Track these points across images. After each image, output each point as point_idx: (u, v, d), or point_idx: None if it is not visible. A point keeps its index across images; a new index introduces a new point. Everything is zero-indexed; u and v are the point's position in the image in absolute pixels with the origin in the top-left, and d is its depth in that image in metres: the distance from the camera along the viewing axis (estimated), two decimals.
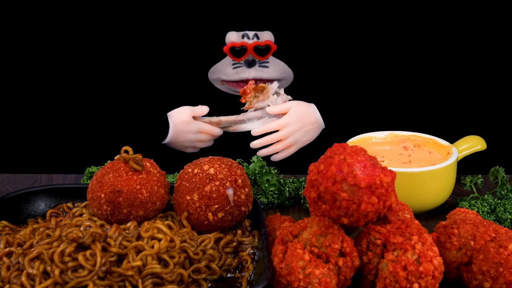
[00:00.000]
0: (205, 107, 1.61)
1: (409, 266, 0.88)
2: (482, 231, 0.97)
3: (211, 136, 1.63)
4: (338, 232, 0.94)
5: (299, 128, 1.60)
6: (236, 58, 1.62)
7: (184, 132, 1.59)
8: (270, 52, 1.64)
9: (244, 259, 1.03)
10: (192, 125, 1.59)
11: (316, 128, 1.63)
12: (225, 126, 1.62)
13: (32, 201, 1.18)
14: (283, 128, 1.59)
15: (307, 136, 1.62)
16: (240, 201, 1.07)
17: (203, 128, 1.60)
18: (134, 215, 1.05)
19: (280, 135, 1.59)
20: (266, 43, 1.62)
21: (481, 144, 1.39)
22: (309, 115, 1.62)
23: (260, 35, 1.64)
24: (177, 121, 1.59)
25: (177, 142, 1.61)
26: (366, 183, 0.88)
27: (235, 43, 1.61)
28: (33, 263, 0.93)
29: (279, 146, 1.60)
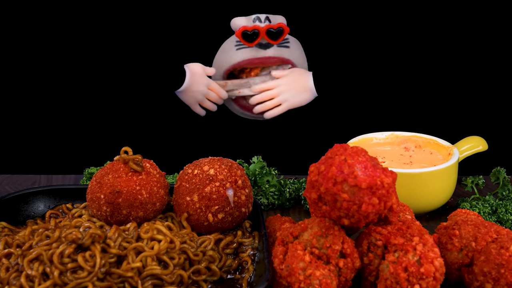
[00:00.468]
0: (213, 69, 1.67)
1: (410, 268, 0.88)
2: (484, 232, 0.97)
3: (218, 96, 1.67)
4: (339, 233, 0.94)
5: (289, 89, 1.67)
6: (248, 43, 1.62)
7: (197, 82, 1.64)
8: (283, 35, 1.64)
9: (244, 260, 1.03)
10: (204, 78, 1.65)
11: (307, 92, 1.68)
12: (231, 89, 1.69)
13: (31, 202, 1.18)
14: (277, 87, 1.66)
15: (297, 98, 1.67)
16: (240, 202, 1.07)
17: (212, 85, 1.66)
18: (133, 216, 1.05)
19: (271, 93, 1.67)
20: (279, 26, 1.62)
21: (482, 145, 1.39)
22: (302, 79, 1.67)
23: (272, 18, 1.63)
24: (193, 70, 1.64)
25: (191, 92, 1.66)
26: (367, 184, 0.88)
27: (247, 27, 1.61)
28: (32, 264, 0.93)
29: (269, 103, 1.67)
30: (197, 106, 1.70)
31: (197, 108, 1.70)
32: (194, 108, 1.70)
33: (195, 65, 1.66)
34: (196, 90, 1.65)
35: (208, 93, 1.67)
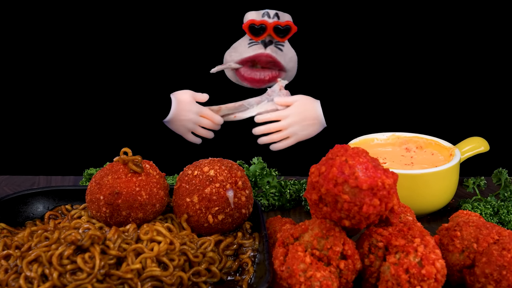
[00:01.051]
0: (206, 95, 1.64)
1: (411, 269, 0.88)
2: (485, 234, 0.97)
3: (212, 122, 1.64)
4: (340, 234, 0.94)
5: (298, 121, 1.62)
6: (254, 37, 1.61)
7: (185, 111, 1.61)
8: (290, 34, 1.63)
9: (245, 261, 1.03)
10: (193, 105, 1.62)
11: (316, 124, 1.64)
12: (226, 113, 1.65)
13: (30, 203, 1.18)
14: (284, 119, 1.61)
15: (306, 131, 1.63)
16: (240, 203, 1.07)
17: (204, 112, 1.63)
18: (133, 217, 1.05)
19: (279, 125, 1.63)
20: (287, 24, 1.61)
21: (484, 146, 1.39)
22: (310, 110, 1.64)
23: (281, 15, 1.63)
24: (180, 98, 1.61)
25: (179, 121, 1.62)
26: (368, 185, 0.88)
27: (255, 20, 1.60)
28: (31, 266, 0.93)
29: (276, 136, 1.64)
30: (189, 135, 1.66)
31: (189, 137, 1.67)
32: (187, 137, 1.67)
33: (183, 93, 1.63)
34: (185, 118, 1.62)
35: (199, 120, 1.63)
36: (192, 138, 1.67)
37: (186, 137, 1.66)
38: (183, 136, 1.67)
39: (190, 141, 1.67)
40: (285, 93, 1.64)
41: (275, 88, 1.65)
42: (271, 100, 1.65)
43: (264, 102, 1.65)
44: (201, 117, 1.63)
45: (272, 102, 1.65)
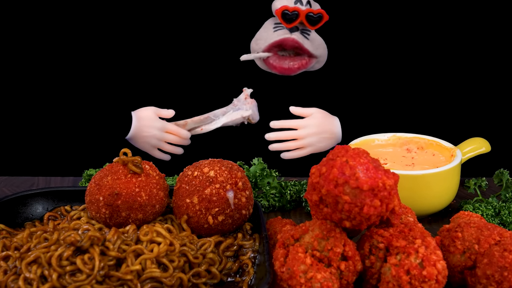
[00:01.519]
0: (171, 111, 1.61)
1: (412, 270, 0.88)
2: (487, 235, 0.97)
3: (179, 137, 1.61)
4: (340, 235, 0.94)
5: (317, 133, 1.59)
6: (286, 24, 1.59)
7: (147, 127, 1.58)
8: (322, 22, 1.61)
9: (245, 263, 1.03)
10: (156, 121, 1.59)
11: (332, 138, 1.61)
12: (193, 127, 1.62)
13: (29, 204, 1.18)
14: (302, 128, 1.59)
15: (322, 143, 1.60)
16: (240, 204, 1.07)
17: (169, 127, 1.60)
18: (133, 218, 1.05)
19: (296, 134, 1.59)
20: (319, 12, 1.59)
21: (485, 146, 1.39)
22: (330, 124, 1.61)
23: (313, 3, 1.61)
24: (141, 115, 1.59)
25: (141, 138, 1.59)
26: (368, 186, 0.88)
27: (288, 7, 1.58)
28: (30, 267, 0.93)
29: (293, 144, 1.60)
30: (155, 151, 1.63)
31: (156, 153, 1.63)
32: (153, 154, 1.63)
33: (145, 110, 1.61)
34: (147, 135, 1.59)
35: (164, 136, 1.60)
36: (158, 155, 1.64)
37: (152, 153, 1.63)
38: (149, 153, 1.64)
39: (157, 157, 1.64)
40: (250, 101, 1.63)
41: (241, 97, 1.63)
42: (237, 110, 1.62)
43: (229, 112, 1.62)
44: (167, 133, 1.60)
45: (238, 112, 1.62)
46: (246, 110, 1.61)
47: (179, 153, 1.64)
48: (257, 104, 1.65)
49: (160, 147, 1.62)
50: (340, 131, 1.62)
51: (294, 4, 1.59)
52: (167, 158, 1.65)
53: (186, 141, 1.63)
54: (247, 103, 1.61)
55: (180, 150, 1.64)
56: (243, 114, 1.60)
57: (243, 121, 1.62)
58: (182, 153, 1.64)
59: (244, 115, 1.61)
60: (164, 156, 1.64)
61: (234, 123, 1.62)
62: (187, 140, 1.63)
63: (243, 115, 1.60)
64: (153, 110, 1.60)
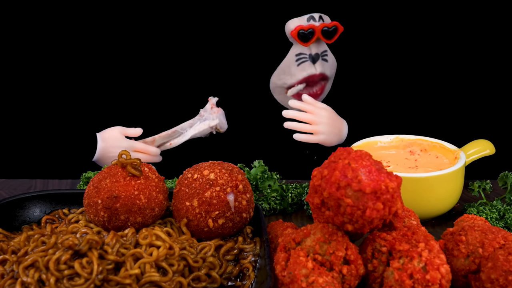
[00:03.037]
0: (139, 129, 1.60)
1: (416, 274, 0.88)
2: (491, 238, 0.97)
3: (148, 155, 1.61)
4: (342, 239, 0.94)
5: (329, 124, 1.60)
6: (303, 43, 1.60)
7: (113, 147, 1.58)
8: (338, 34, 1.62)
9: (246, 267, 1.03)
10: (123, 141, 1.58)
11: (339, 137, 1.62)
12: (161, 142, 1.62)
13: (26, 207, 1.18)
14: (317, 115, 1.59)
15: (331, 137, 1.60)
16: (241, 207, 1.07)
17: (137, 146, 1.59)
18: (132, 222, 1.05)
19: (312, 118, 1.59)
20: (334, 24, 1.60)
21: (489, 149, 1.39)
22: (340, 123, 1.62)
23: (324, 17, 1.62)
24: (106, 136, 1.59)
25: (108, 158, 1.59)
26: (371, 189, 0.88)
27: (303, 26, 1.59)
28: (27, 271, 0.93)
29: (307, 127, 1.59)
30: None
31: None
32: None
33: (110, 130, 1.61)
34: (114, 155, 1.59)
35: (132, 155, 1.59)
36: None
37: None
38: None
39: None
40: (217, 110, 1.63)
41: (207, 107, 1.63)
42: (204, 120, 1.62)
43: (197, 124, 1.62)
44: (135, 151, 1.60)
45: (205, 122, 1.62)
46: (213, 120, 1.61)
47: None
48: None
49: None
50: (346, 134, 1.63)
51: (308, 22, 1.60)
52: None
53: (157, 158, 1.63)
54: (214, 112, 1.62)
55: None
56: (210, 124, 1.61)
57: (211, 131, 1.62)
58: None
59: (211, 125, 1.61)
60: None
61: (202, 134, 1.63)
62: (157, 157, 1.63)
63: (210, 125, 1.61)
64: (119, 130, 1.59)
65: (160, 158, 1.63)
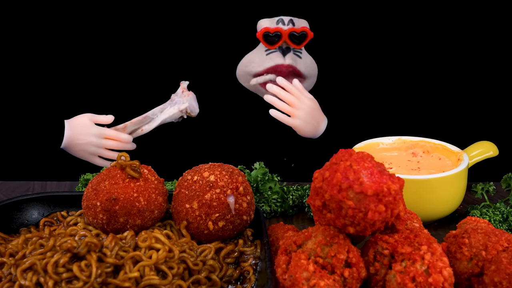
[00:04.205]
0: (110, 116, 1.59)
1: (418, 277, 0.88)
2: (494, 241, 0.97)
3: (119, 142, 1.59)
4: (344, 241, 0.94)
5: (309, 113, 1.59)
6: (269, 46, 1.60)
7: (82, 134, 1.56)
8: (306, 40, 1.62)
9: (246, 270, 1.03)
10: (92, 128, 1.57)
11: (315, 130, 1.61)
12: (133, 129, 1.61)
13: (24, 210, 1.18)
14: (299, 99, 1.59)
15: (307, 127, 1.59)
16: (241, 210, 1.07)
17: (107, 133, 1.58)
18: (131, 224, 1.05)
19: (294, 102, 1.58)
20: (303, 30, 1.60)
21: (493, 150, 1.39)
22: (321, 117, 1.62)
23: (296, 21, 1.62)
24: (74, 123, 1.57)
25: (77, 146, 1.58)
26: (373, 191, 0.88)
27: (269, 28, 1.59)
28: (25, 274, 0.93)
29: (286, 106, 1.59)
30: (95, 159, 1.61)
31: (97, 161, 1.61)
32: (94, 162, 1.62)
33: (79, 117, 1.59)
34: (83, 142, 1.57)
35: (101, 143, 1.58)
36: (100, 162, 1.62)
37: (92, 162, 1.61)
38: (89, 161, 1.62)
39: (99, 165, 1.62)
40: (187, 94, 1.62)
41: (178, 92, 1.63)
42: (175, 104, 1.62)
43: (167, 108, 1.61)
44: (106, 139, 1.58)
45: (176, 107, 1.62)
46: (183, 103, 1.60)
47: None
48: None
49: (100, 154, 1.60)
50: (323, 131, 1.62)
51: (276, 25, 1.59)
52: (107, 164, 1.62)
53: (129, 145, 1.61)
54: (184, 96, 1.61)
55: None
56: (180, 107, 1.60)
57: (182, 115, 1.61)
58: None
59: (181, 109, 1.60)
60: (107, 163, 1.62)
61: (172, 118, 1.61)
62: (129, 144, 1.61)
63: (180, 108, 1.60)
64: (88, 117, 1.58)
65: (133, 145, 1.62)
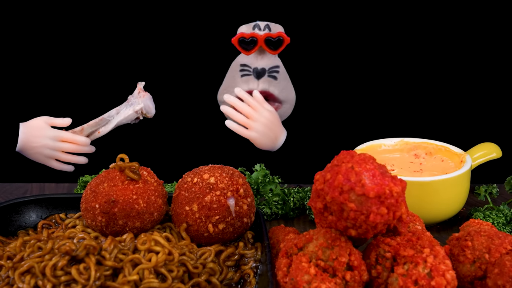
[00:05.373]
0: (67, 119, 1.57)
1: (421, 281, 0.88)
2: (498, 244, 0.97)
3: (76, 145, 1.56)
4: (346, 244, 0.94)
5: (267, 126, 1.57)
6: (245, 51, 1.60)
7: (37, 137, 1.54)
8: (283, 46, 1.61)
9: (246, 273, 1.03)
10: (48, 130, 1.55)
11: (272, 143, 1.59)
12: (90, 131, 1.59)
13: (22, 212, 1.18)
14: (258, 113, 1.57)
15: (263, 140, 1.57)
16: (242, 212, 1.07)
17: (63, 136, 1.55)
18: (130, 227, 1.05)
19: (251, 113, 1.57)
20: (279, 35, 1.59)
21: (496, 152, 1.39)
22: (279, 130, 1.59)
23: (273, 26, 1.61)
24: (29, 126, 1.55)
25: (31, 148, 1.55)
26: (375, 193, 0.88)
27: (245, 33, 1.58)
28: (23, 277, 0.93)
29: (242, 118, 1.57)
30: (52, 162, 1.57)
31: (54, 164, 1.57)
32: (51, 165, 1.58)
33: (35, 120, 1.57)
34: (37, 146, 1.54)
35: (58, 145, 1.54)
36: (57, 166, 1.58)
37: (49, 165, 1.58)
38: (46, 164, 1.59)
39: (56, 168, 1.59)
40: (143, 95, 1.61)
41: (135, 93, 1.62)
42: (130, 105, 1.61)
43: (123, 110, 1.60)
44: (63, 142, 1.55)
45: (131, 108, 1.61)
46: (138, 104, 1.59)
47: (82, 162, 1.59)
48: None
49: (57, 158, 1.56)
50: (281, 144, 1.61)
51: (252, 30, 1.59)
52: (69, 169, 1.59)
53: (87, 148, 1.58)
54: (140, 97, 1.60)
55: (82, 159, 1.58)
56: (135, 108, 1.59)
57: (137, 116, 1.60)
58: (86, 162, 1.59)
59: (136, 109, 1.59)
60: (65, 166, 1.58)
61: (128, 119, 1.59)
62: (87, 147, 1.58)
63: (135, 109, 1.58)
64: (43, 120, 1.56)
65: (92, 148, 1.59)
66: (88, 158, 1.62)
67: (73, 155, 1.56)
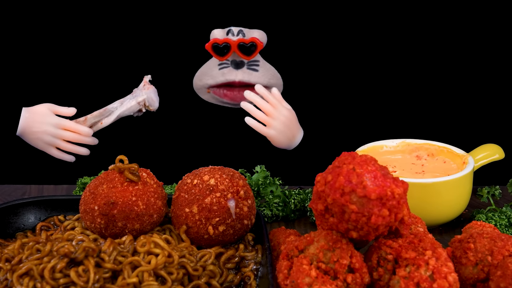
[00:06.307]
0: (72, 109, 1.57)
1: (422, 283, 0.88)
2: (500, 246, 0.97)
3: (78, 134, 1.56)
4: (347, 246, 0.94)
5: (286, 124, 1.57)
6: (219, 57, 1.60)
7: (39, 122, 1.54)
8: (256, 51, 1.61)
9: (247, 275, 1.03)
10: (50, 117, 1.55)
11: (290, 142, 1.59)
12: (93, 122, 1.58)
13: (21, 214, 1.18)
14: (277, 109, 1.57)
15: (281, 138, 1.58)
16: (242, 214, 1.07)
17: (65, 124, 1.55)
18: (129, 229, 1.05)
19: (271, 111, 1.57)
20: (252, 40, 1.59)
21: (499, 153, 1.39)
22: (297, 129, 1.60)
23: (247, 32, 1.61)
24: (32, 111, 1.55)
25: (32, 133, 1.55)
26: (376, 195, 0.88)
27: (218, 39, 1.59)
28: (22, 279, 0.93)
29: (262, 115, 1.57)
30: (52, 150, 1.57)
31: (53, 152, 1.58)
32: (50, 152, 1.58)
33: (39, 106, 1.56)
34: (38, 131, 1.54)
35: (59, 133, 1.54)
36: (56, 154, 1.58)
37: (48, 152, 1.58)
38: (46, 152, 1.59)
39: (56, 157, 1.59)
40: (148, 87, 1.61)
41: (140, 85, 1.62)
42: (134, 97, 1.61)
43: (126, 101, 1.60)
44: (64, 130, 1.55)
45: (135, 99, 1.60)
46: (141, 96, 1.59)
47: (83, 153, 1.59)
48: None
49: (57, 146, 1.57)
50: (297, 143, 1.62)
51: (226, 35, 1.59)
52: (69, 159, 1.60)
53: (89, 139, 1.58)
54: (145, 89, 1.60)
55: (83, 150, 1.58)
56: (138, 99, 1.58)
57: (140, 108, 1.60)
58: (87, 153, 1.59)
59: (139, 101, 1.59)
60: (66, 156, 1.59)
61: (130, 111, 1.59)
62: (89, 137, 1.58)
63: (138, 100, 1.58)
64: (47, 106, 1.56)
65: (95, 140, 1.59)
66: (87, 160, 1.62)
67: (74, 145, 1.57)
